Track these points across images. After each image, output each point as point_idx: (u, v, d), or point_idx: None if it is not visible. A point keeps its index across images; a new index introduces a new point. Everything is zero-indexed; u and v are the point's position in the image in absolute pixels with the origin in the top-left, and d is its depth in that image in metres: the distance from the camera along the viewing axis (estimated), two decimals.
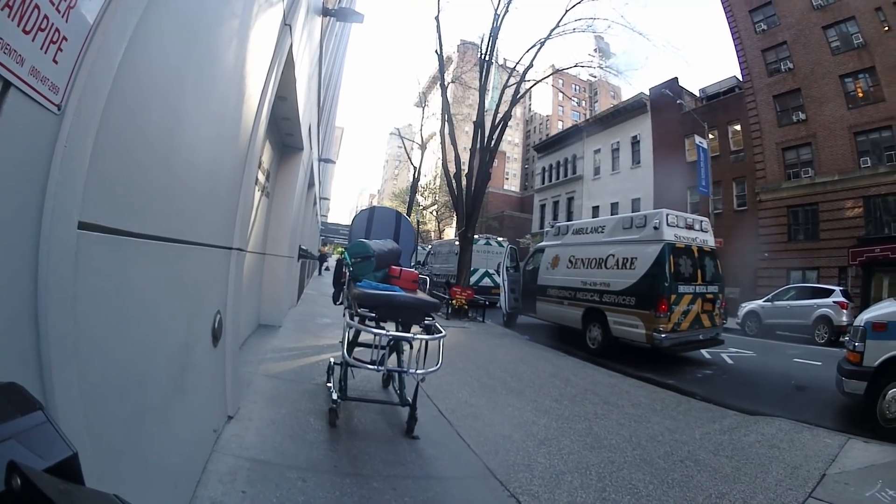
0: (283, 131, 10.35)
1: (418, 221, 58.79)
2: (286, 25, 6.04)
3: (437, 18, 22.31)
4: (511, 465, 5.16)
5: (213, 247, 4.01)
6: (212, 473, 3.88)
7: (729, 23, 37.83)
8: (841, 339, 9.69)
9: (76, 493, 1.08)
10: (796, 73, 33.06)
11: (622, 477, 5.21)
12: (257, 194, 8.36)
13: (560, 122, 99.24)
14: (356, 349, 5.84)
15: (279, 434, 5.04)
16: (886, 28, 28.32)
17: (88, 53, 1.86)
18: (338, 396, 5.69)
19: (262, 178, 9.03)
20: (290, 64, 6.79)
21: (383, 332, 5.21)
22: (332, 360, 6.88)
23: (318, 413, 5.78)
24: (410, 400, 5.74)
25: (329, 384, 6.44)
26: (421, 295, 6.30)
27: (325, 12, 10.96)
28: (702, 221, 13.94)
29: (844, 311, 19.34)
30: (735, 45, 37.24)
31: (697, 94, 42.38)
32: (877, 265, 26.74)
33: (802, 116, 32.50)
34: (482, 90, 22.36)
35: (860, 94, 29.82)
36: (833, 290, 20.99)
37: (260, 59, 4.99)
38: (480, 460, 5.22)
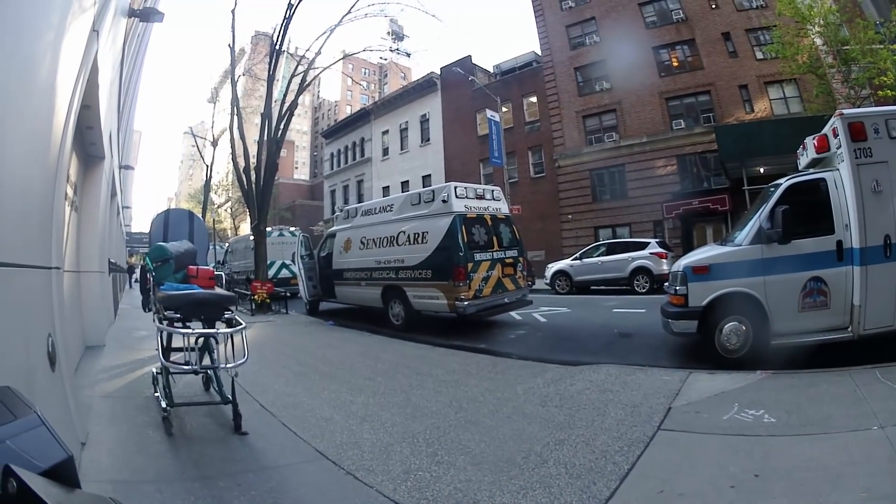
0: (87, 141, 9.64)
1: (214, 220, 58.13)
2: (94, 31, 5.80)
3: (233, 11, 21.81)
4: (339, 445, 5.24)
5: (33, 267, 3.84)
6: None
7: (533, 1, 38.89)
8: (664, 286, 10.39)
9: (72, 496, 1.12)
10: (602, 45, 34.17)
11: (450, 440, 5.32)
12: (67, 209, 7.87)
13: (349, 107, 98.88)
14: (174, 356, 6.17)
15: (128, 452, 5.07)
16: (714, 6, 30.32)
17: None
18: (166, 405, 5.77)
19: (70, 192, 8.52)
20: (94, 70, 6.48)
21: (189, 331, 5.60)
22: (154, 370, 6.91)
23: (154, 424, 5.78)
24: (231, 397, 5.86)
25: (157, 394, 6.49)
26: (218, 290, 6.74)
27: (131, 13, 10.47)
28: (493, 191, 14.25)
29: (664, 260, 20.37)
30: (537, 22, 37.85)
31: (492, 71, 43.28)
32: (696, 216, 28.56)
33: (607, 85, 33.85)
34: (270, 80, 21.75)
35: (675, 64, 31.89)
36: (649, 243, 22.07)
37: (69, 68, 4.77)
38: (309, 445, 5.29)
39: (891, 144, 7.31)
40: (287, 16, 20.73)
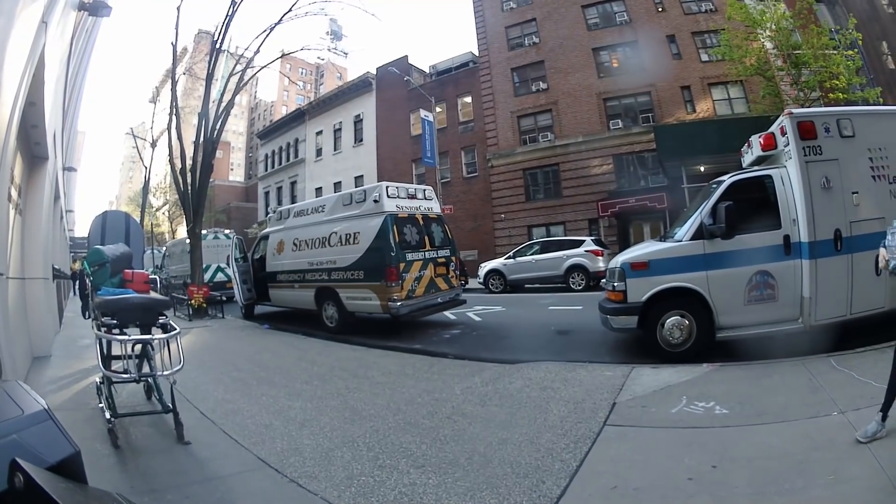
0: (32, 140, 9.51)
1: (152, 224, 57.18)
2: (43, 23, 5.83)
3: (178, 8, 21.09)
4: (281, 452, 5.25)
5: None
6: None
7: (474, 2, 39.36)
8: (601, 283, 10.64)
9: (78, 491, 1.15)
10: (541, 46, 34.70)
11: (391, 443, 5.34)
12: (11, 212, 7.78)
13: (285, 107, 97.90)
14: (115, 364, 6.09)
15: None
16: (661, 9, 31.11)
17: None
18: (110, 416, 5.66)
19: (14, 194, 8.39)
20: (41, 65, 6.49)
21: (124, 337, 5.61)
22: (97, 380, 6.83)
23: (101, 437, 5.59)
24: (171, 405, 5.79)
25: (101, 405, 6.35)
26: (153, 294, 6.68)
27: (81, 6, 10.39)
28: (425, 190, 14.38)
29: (599, 257, 20.74)
30: (476, 23, 38.37)
31: (428, 71, 43.57)
32: (633, 214, 29.20)
33: (543, 86, 34.29)
34: (209, 79, 21.50)
35: (616, 65, 32.73)
36: (584, 241, 22.44)
37: (15, 61, 4.72)
38: (251, 453, 5.29)
39: (842, 143, 7.52)
40: (229, 13, 20.55)
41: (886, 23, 27.76)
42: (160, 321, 6.03)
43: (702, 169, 23.33)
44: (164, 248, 35.90)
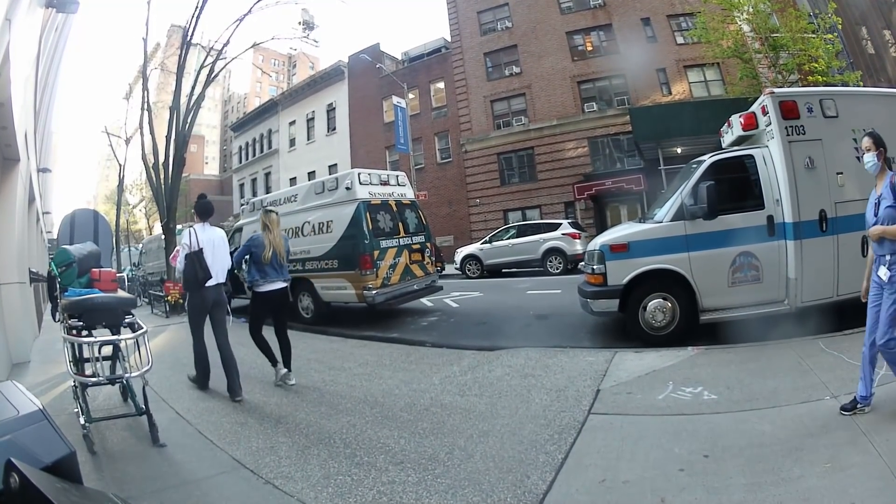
0: (2, 142, 9.27)
1: (128, 221, 57.57)
2: (6, 20, 5.70)
3: (148, 3, 21.03)
4: (256, 452, 5.11)
5: None
6: None
7: None
8: (579, 266, 10.54)
9: (74, 491, 1.14)
10: (514, 31, 34.90)
11: (368, 438, 5.21)
12: None
13: (258, 99, 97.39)
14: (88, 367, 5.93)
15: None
16: None
17: None
18: (85, 420, 5.52)
19: None
20: (6, 64, 6.38)
21: (90, 339, 5.51)
22: (73, 384, 6.54)
23: (78, 443, 5.28)
24: (144, 407, 5.66)
25: (76, 410, 6.09)
26: (120, 293, 6.60)
27: (48, 3, 10.17)
28: (398, 176, 14.23)
29: (577, 240, 20.72)
30: (448, 8, 38.39)
31: (400, 58, 44.02)
32: (610, 196, 29.42)
33: (517, 70, 34.55)
34: (180, 72, 21.41)
35: (590, 48, 32.92)
36: (560, 224, 22.50)
37: None
38: (226, 454, 5.14)
39: (825, 123, 7.49)
40: (199, 5, 20.39)
41: (866, 7, 28.01)
42: (127, 320, 5.93)
43: (678, 150, 23.50)
44: (141, 246, 36.13)
